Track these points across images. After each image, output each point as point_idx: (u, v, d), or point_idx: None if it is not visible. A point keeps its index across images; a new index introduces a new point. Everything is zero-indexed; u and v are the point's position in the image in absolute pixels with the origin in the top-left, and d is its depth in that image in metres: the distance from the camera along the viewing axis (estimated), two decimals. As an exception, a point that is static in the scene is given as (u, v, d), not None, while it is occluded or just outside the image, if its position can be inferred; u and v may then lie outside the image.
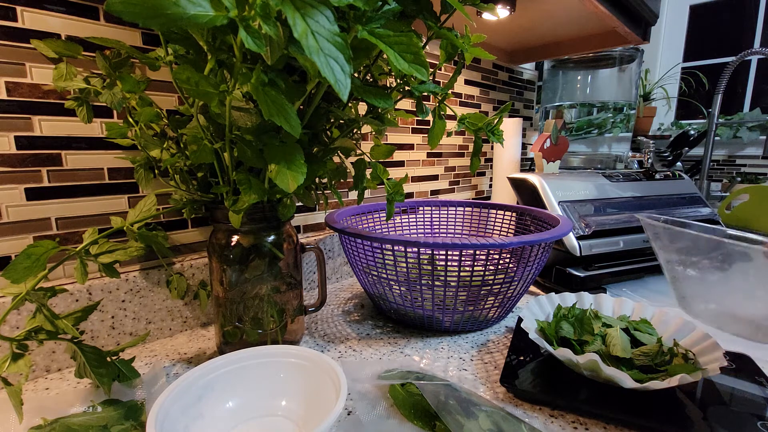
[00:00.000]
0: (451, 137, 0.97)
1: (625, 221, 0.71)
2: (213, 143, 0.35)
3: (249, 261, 0.42)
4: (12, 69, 0.40)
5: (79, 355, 0.35)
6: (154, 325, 0.51)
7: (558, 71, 1.16)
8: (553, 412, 0.37)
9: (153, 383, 0.39)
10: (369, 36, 0.28)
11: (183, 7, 0.22)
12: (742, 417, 0.34)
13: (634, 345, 0.41)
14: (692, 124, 1.96)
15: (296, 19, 0.22)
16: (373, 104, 0.34)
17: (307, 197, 0.46)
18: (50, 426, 0.32)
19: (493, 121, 0.45)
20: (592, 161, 1.16)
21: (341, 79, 0.23)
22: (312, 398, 0.35)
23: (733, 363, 0.42)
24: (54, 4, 0.42)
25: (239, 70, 0.28)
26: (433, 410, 0.34)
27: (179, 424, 0.30)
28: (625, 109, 1.13)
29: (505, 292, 0.51)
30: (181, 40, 0.33)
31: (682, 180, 0.87)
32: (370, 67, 0.43)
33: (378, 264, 0.51)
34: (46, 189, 0.43)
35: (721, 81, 1.27)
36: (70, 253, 0.36)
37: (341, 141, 0.43)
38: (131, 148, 0.48)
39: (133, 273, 0.48)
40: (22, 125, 0.41)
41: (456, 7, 0.35)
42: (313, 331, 0.54)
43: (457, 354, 0.48)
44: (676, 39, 2.07)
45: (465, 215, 0.78)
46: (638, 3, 0.78)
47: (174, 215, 0.53)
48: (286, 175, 0.31)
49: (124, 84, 0.40)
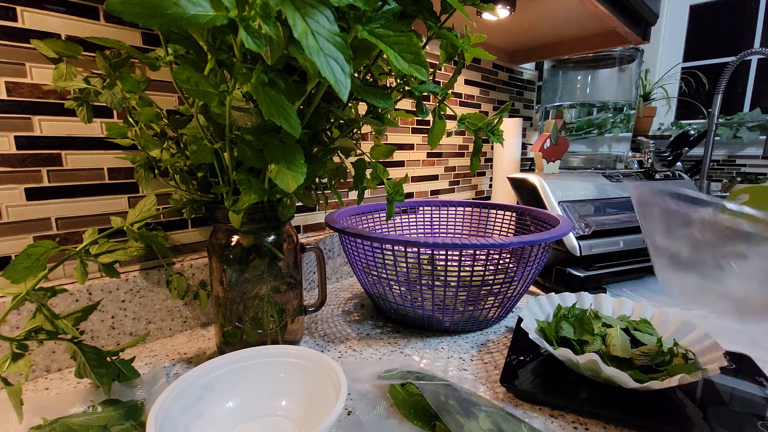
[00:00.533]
0: (451, 137, 0.97)
1: (625, 221, 0.71)
2: (213, 143, 0.35)
3: (249, 261, 0.42)
4: (12, 69, 0.40)
5: (79, 355, 0.35)
6: (154, 325, 0.51)
7: (558, 71, 1.16)
8: (553, 412, 0.37)
9: (153, 383, 0.39)
10: (369, 36, 0.28)
11: (183, 7, 0.22)
12: (742, 417, 0.34)
13: (634, 345, 0.41)
14: (692, 124, 1.96)
15: (296, 19, 0.22)
16: (373, 104, 0.34)
17: (307, 197, 0.46)
18: (50, 426, 0.32)
19: (493, 121, 0.45)
20: (592, 161, 1.16)
21: (341, 79, 0.23)
22: (312, 398, 0.35)
23: (733, 363, 0.42)
24: (54, 4, 0.42)
25: (239, 70, 0.28)
26: (433, 410, 0.34)
27: (179, 424, 0.30)
28: (625, 109, 1.13)
29: (505, 292, 0.51)
30: (181, 40, 0.33)
31: (682, 180, 0.87)
32: (370, 67, 0.43)
33: (378, 264, 0.51)
34: (46, 189, 0.43)
35: (721, 81, 1.27)
36: (70, 253, 0.36)
37: (341, 141, 0.43)
38: (131, 148, 0.48)
39: (133, 273, 0.48)
40: (22, 125, 0.41)
41: (456, 7, 0.35)
42: (313, 331, 0.54)
43: (457, 354, 0.48)
44: (676, 39, 2.07)
45: (465, 215, 0.78)
46: (638, 3, 0.78)
47: (174, 215, 0.53)
48: (286, 175, 0.31)
49: (124, 84, 0.40)
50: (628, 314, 0.48)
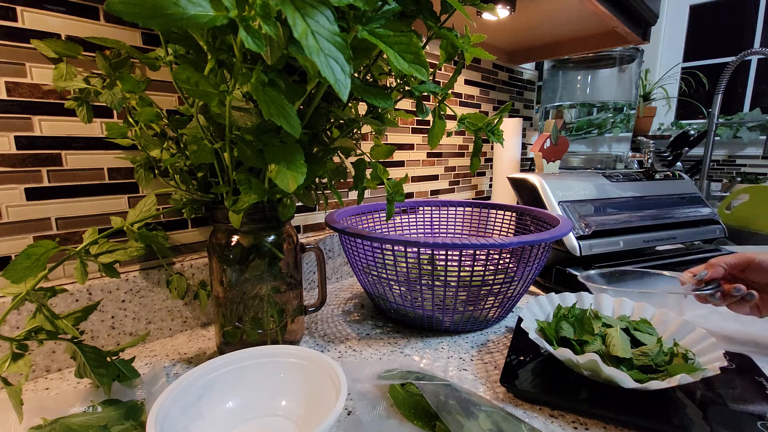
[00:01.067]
0: (451, 137, 0.97)
1: (625, 221, 0.71)
2: (213, 143, 0.35)
3: (249, 261, 0.42)
4: (12, 69, 0.40)
5: (79, 355, 0.35)
6: (154, 325, 0.51)
7: (558, 71, 1.16)
8: (553, 412, 0.37)
9: (153, 383, 0.39)
10: (369, 36, 0.28)
11: (183, 7, 0.22)
12: (742, 417, 0.34)
13: (634, 345, 0.41)
14: (692, 124, 1.96)
15: (296, 19, 0.22)
16: (373, 104, 0.34)
17: (307, 197, 0.46)
18: (50, 426, 0.32)
19: (493, 121, 0.45)
20: (592, 161, 1.16)
21: (341, 79, 0.23)
22: (312, 398, 0.35)
23: (733, 363, 0.42)
24: (54, 4, 0.42)
25: (239, 70, 0.28)
26: (433, 410, 0.34)
27: (179, 424, 0.30)
28: (625, 109, 1.13)
29: (505, 292, 0.51)
30: (181, 40, 0.33)
31: (682, 180, 0.87)
32: (370, 67, 0.43)
33: (378, 264, 0.51)
34: (46, 189, 0.43)
35: (721, 81, 1.27)
36: (70, 253, 0.36)
37: (341, 141, 0.43)
38: (131, 148, 0.48)
39: (133, 273, 0.48)
40: (22, 125, 0.41)
41: (456, 7, 0.35)
42: (313, 331, 0.54)
43: (457, 354, 0.48)
44: (676, 39, 2.07)
45: (465, 215, 0.78)
46: (638, 3, 0.78)
47: (174, 215, 0.53)
48: (286, 175, 0.31)
49: (124, 84, 0.40)
50: (628, 314, 0.48)
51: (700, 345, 0.40)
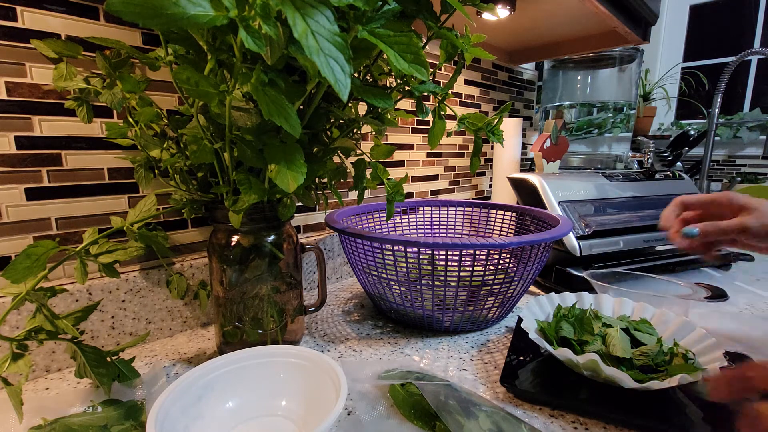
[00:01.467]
0: (451, 137, 0.97)
1: (625, 221, 0.71)
2: (213, 143, 0.35)
3: (249, 261, 0.42)
4: (12, 69, 0.40)
5: (79, 355, 0.35)
6: (154, 325, 0.51)
7: (558, 71, 1.16)
8: (553, 412, 0.37)
9: (153, 383, 0.39)
10: (369, 36, 0.28)
11: (183, 7, 0.22)
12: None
13: (634, 345, 0.41)
14: (692, 124, 1.96)
15: (296, 19, 0.22)
16: (373, 104, 0.34)
17: (307, 197, 0.46)
18: (50, 426, 0.32)
19: (493, 121, 0.45)
20: (592, 161, 1.16)
21: (341, 79, 0.23)
22: (312, 398, 0.35)
23: (733, 363, 0.42)
24: (54, 4, 0.42)
25: (239, 70, 0.28)
26: (433, 410, 0.34)
27: (179, 424, 0.30)
28: (625, 109, 1.13)
29: (505, 292, 0.51)
30: (181, 40, 0.33)
31: (682, 180, 0.87)
32: (370, 67, 0.43)
33: (378, 264, 0.51)
34: (46, 189, 0.43)
35: (721, 81, 1.27)
36: (70, 253, 0.36)
37: (341, 141, 0.43)
38: (131, 148, 0.48)
39: (133, 273, 0.48)
40: (22, 125, 0.41)
41: (456, 7, 0.35)
42: (313, 331, 0.54)
43: (457, 354, 0.48)
44: (676, 39, 2.07)
45: (465, 215, 0.78)
46: (638, 3, 0.78)
47: (174, 215, 0.53)
48: (286, 175, 0.31)
49: (124, 84, 0.40)
50: (628, 314, 0.48)
51: (700, 345, 0.40)
